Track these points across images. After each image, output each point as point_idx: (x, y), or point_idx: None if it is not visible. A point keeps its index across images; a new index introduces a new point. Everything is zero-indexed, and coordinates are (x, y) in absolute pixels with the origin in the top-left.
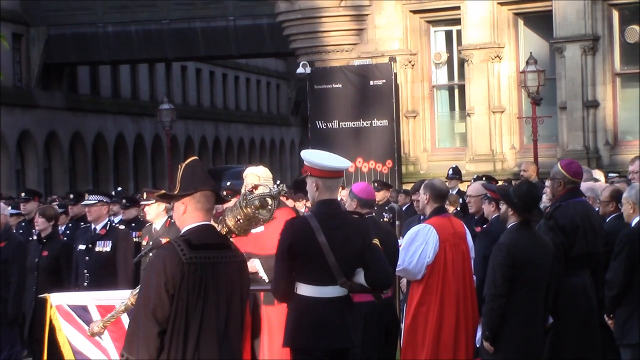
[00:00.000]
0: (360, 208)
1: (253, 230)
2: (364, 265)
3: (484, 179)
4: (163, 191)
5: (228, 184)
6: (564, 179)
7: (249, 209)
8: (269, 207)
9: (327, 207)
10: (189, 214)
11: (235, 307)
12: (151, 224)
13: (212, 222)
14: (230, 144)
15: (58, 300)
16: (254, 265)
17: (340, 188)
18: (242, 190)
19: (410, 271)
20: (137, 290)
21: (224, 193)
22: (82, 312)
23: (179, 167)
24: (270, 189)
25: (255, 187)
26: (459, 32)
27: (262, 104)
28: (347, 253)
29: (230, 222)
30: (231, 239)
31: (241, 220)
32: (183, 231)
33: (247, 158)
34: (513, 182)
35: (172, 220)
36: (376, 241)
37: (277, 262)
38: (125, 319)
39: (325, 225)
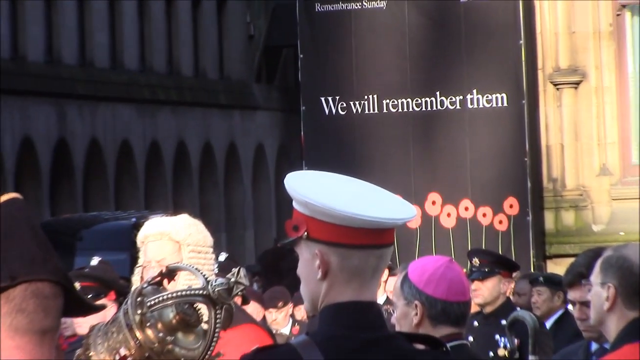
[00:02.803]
0: (431, 324)
1: None
2: None
3: None
4: None
5: (94, 262)
6: None
7: (149, 332)
8: (203, 326)
9: (350, 324)
10: None
11: None
12: None
13: None
14: (96, 154)
15: None
16: None
17: (385, 271)
18: (134, 282)
19: None
20: None
21: (78, 286)
22: None
23: None
24: (208, 280)
25: (170, 273)
26: None
27: (182, 57)
28: None
29: None
30: None
31: None
32: None
33: (143, 193)
34: None
35: None
36: None
37: None
38: None
39: None
